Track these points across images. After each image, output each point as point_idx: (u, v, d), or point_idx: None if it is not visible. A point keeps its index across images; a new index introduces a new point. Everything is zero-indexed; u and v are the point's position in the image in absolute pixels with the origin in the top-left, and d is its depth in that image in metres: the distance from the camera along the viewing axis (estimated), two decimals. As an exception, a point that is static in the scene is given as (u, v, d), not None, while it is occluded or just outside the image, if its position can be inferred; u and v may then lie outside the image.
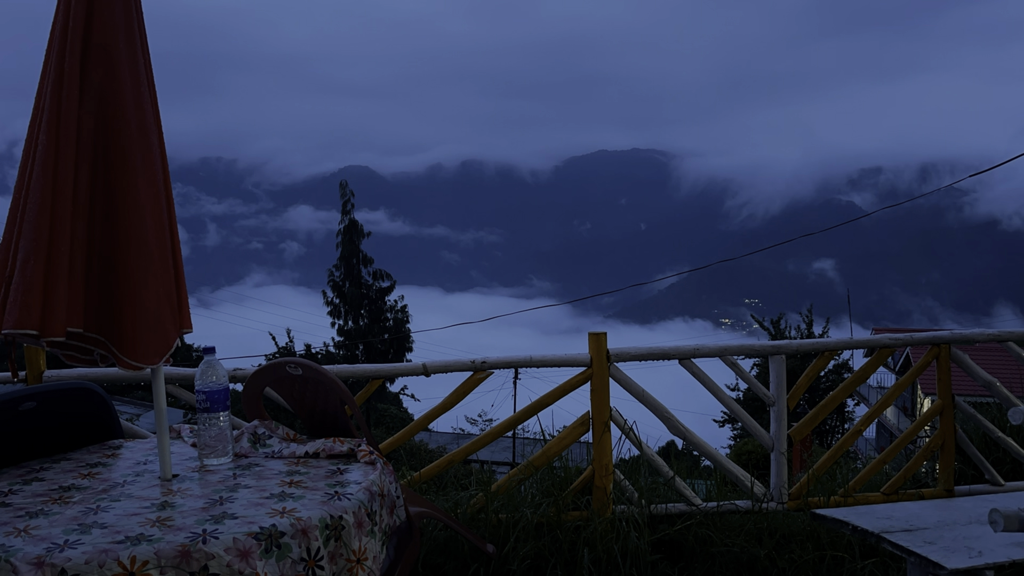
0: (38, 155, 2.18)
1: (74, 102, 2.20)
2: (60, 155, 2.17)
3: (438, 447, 22.79)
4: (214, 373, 2.45)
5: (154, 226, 2.30)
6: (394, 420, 27.37)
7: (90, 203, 2.24)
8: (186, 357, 23.28)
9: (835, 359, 24.04)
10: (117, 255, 2.24)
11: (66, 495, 2.15)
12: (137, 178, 2.26)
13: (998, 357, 5.22)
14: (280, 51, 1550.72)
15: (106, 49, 2.24)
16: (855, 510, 2.96)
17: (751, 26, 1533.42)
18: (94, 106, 2.23)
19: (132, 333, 2.26)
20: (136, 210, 2.26)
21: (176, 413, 22.71)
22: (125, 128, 2.26)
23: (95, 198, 2.24)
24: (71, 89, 2.19)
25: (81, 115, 2.21)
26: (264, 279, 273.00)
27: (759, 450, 14.96)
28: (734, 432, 27.28)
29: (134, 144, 2.26)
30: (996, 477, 4.38)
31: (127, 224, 2.25)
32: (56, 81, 2.19)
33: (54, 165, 2.16)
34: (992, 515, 2.15)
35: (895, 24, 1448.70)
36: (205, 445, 2.44)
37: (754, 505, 3.96)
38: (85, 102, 2.22)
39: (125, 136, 2.25)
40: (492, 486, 3.87)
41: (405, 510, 2.51)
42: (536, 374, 5.44)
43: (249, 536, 1.84)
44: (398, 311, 28.94)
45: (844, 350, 4.83)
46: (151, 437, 3.21)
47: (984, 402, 5.25)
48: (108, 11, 2.24)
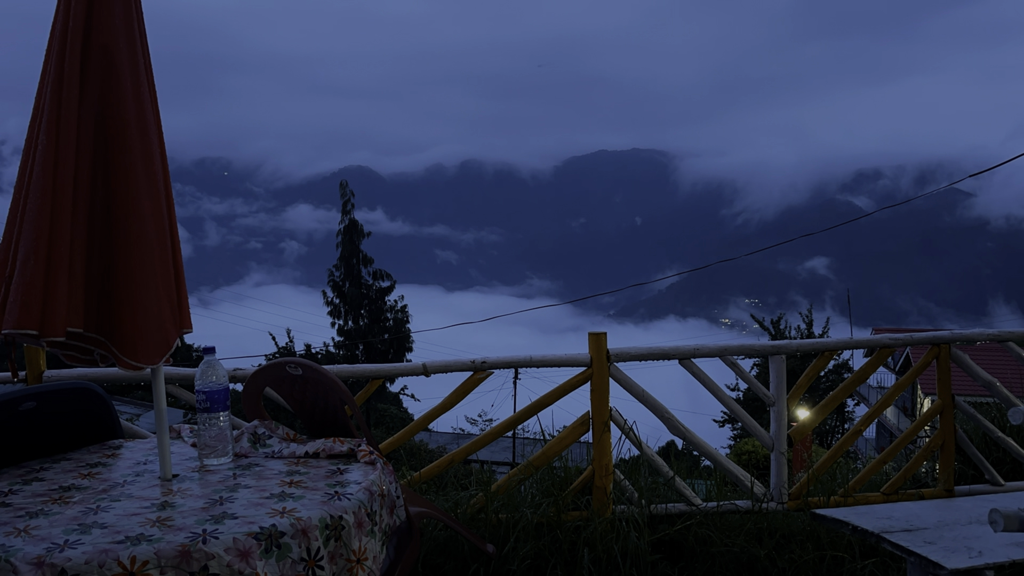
0: (38, 155, 2.18)
1: (74, 102, 2.19)
2: (60, 155, 2.17)
3: (438, 447, 22.78)
4: (214, 373, 2.45)
5: (154, 226, 2.30)
6: (394, 420, 27.36)
7: (90, 203, 2.23)
8: (186, 357, 23.28)
9: (835, 359, 24.06)
10: (117, 255, 2.24)
11: (66, 495, 2.15)
12: (137, 178, 2.26)
13: (998, 357, 5.22)
14: (276, 52, 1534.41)
15: (106, 49, 2.24)
16: (855, 510, 2.96)
17: (741, 29, 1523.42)
18: (94, 106, 2.23)
19: (132, 333, 2.26)
20: (136, 210, 2.25)
21: (176, 413, 22.71)
22: (125, 128, 2.25)
23: (95, 198, 2.24)
24: (71, 89, 2.19)
25: (81, 115, 2.21)
26: (264, 279, 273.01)
27: (759, 450, 14.97)
28: (734, 432, 27.29)
29: (134, 144, 2.26)
30: (996, 477, 4.38)
31: (127, 224, 2.24)
32: (56, 81, 2.19)
33: (54, 165, 2.16)
34: (992, 515, 2.15)
35: (884, 27, 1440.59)
36: (205, 445, 2.44)
37: (754, 505, 3.96)
38: (85, 102, 2.22)
39: (125, 136, 2.25)
40: (492, 486, 3.87)
41: (405, 510, 2.51)
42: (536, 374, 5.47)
43: (249, 536, 1.84)
44: (398, 311, 28.94)
45: (844, 350, 4.83)
46: (151, 437, 3.21)
47: (984, 402, 5.25)
48: (108, 11, 2.24)
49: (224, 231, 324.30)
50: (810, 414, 4.41)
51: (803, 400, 19.82)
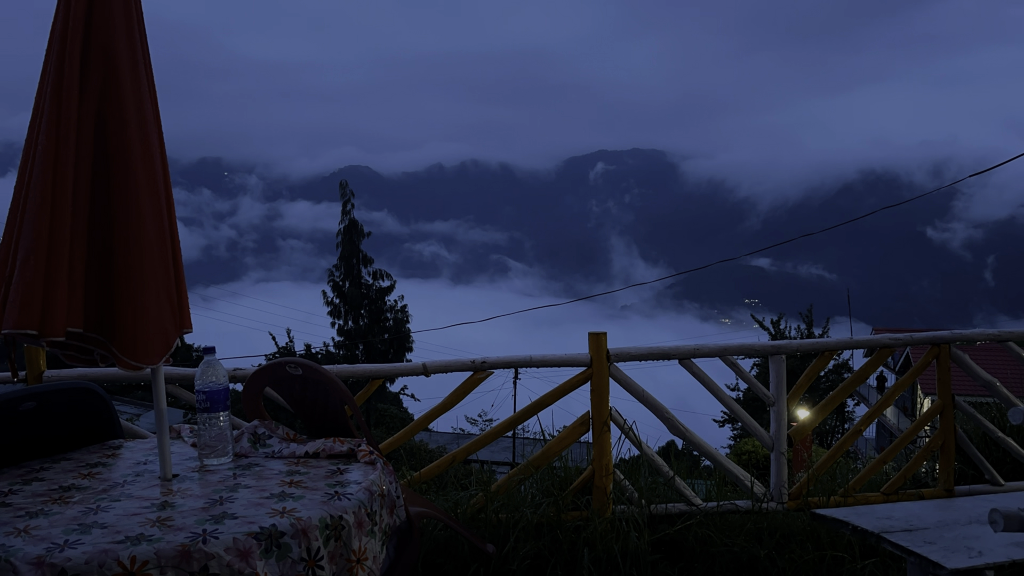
0: (38, 155, 2.18)
1: (74, 102, 2.19)
2: (60, 155, 2.17)
3: (438, 447, 22.79)
4: (214, 373, 2.45)
5: (154, 226, 2.30)
6: (394, 420, 27.35)
7: (90, 203, 2.23)
8: (186, 357, 23.28)
9: (835, 359, 24.06)
10: (117, 255, 2.24)
11: (66, 495, 2.15)
12: (137, 178, 2.26)
13: (998, 357, 5.22)
14: (255, 59, 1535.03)
15: (106, 49, 2.24)
16: (855, 510, 2.95)
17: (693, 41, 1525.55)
18: (94, 106, 2.23)
19: (132, 333, 2.26)
20: (136, 210, 2.25)
21: (176, 413, 22.71)
22: (125, 128, 2.25)
23: (95, 198, 2.24)
24: (71, 89, 2.19)
25: (81, 115, 2.21)
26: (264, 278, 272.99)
27: (759, 450, 14.97)
28: (734, 432, 27.30)
29: (134, 144, 2.26)
30: (996, 477, 4.38)
31: (127, 224, 2.24)
32: (56, 81, 2.19)
33: (54, 165, 2.16)
34: (992, 515, 2.15)
35: (836, 36, 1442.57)
36: (205, 445, 2.44)
37: (754, 505, 3.96)
38: (85, 102, 2.22)
39: (125, 136, 2.25)
40: (492, 486, 3.87)
41: (405, 510, 2.51)
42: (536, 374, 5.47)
43: (249, 536, 1.84)
44: (398, 311, 28.95)
45: (844, 350, 4.83)
46: (151, 437, 3.21)
47: (984, 402, 5.25)
48: (108, 11, 2.24)
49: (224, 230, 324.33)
50: (810, 414, 4.41)
51: (803, 400, 19.82)
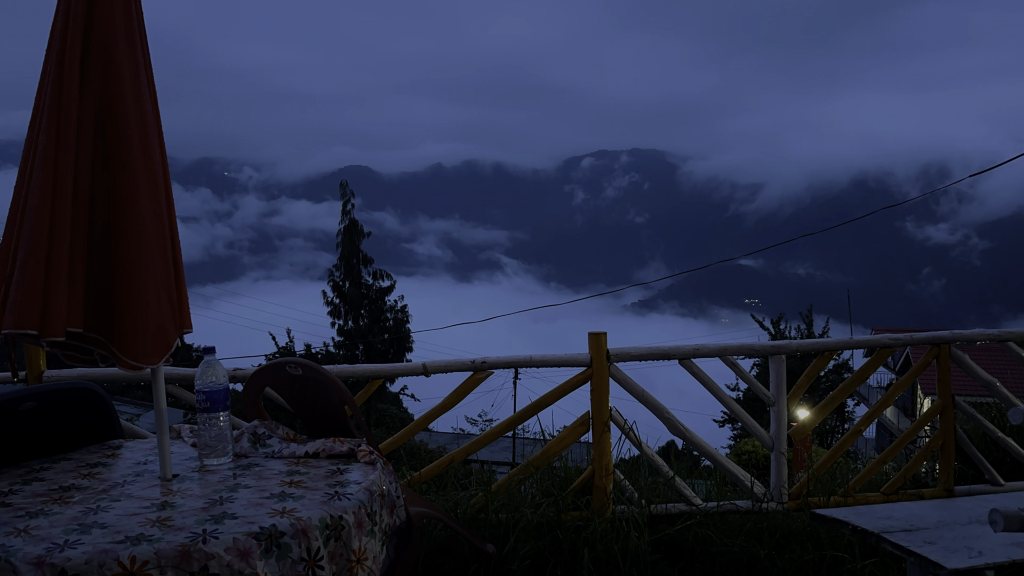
0: (38, 155, 2.18)
1: (74, 102, 2.19)
2: (60, 155, 2.17)
3: (438, 447, 22.78)
4: (214, 373, 2.45)
5: (154, 226, 2.30)
6: (394, 420, 27.35)
7: (90, 203, 2.23)
8: (186, 357, 23.29)
9: (835, 359, 24.07)
10: (117, 255, 2.24)
11: (66, 495, 2.15)
12: (137, 178, 2.26)
13: (998, 357, 5.22)
14: (243, 63, 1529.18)
15: (106, 49, 2.24)
16: (855, 510, 2.95)
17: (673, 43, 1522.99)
18: (94, 106, 2.23)
19: (132, 333, 2.26)
20: (136, 210, 2.25)
21: (176, 413, 22.71)
22: (125, 128, 2.25)
23: (95, 198, 2.24)
24: (71, 89, 2.19)
25: (81, 115, 2.21)
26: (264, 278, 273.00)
27: (759, 450, 14.97)
28: (734, 432, 27.30)
29: (134, 144, 2.26)
30: (996, 477, 4.37)
31: (127, 224, 2.24)
32: (56, 81, 2.19)
33: (54, 165, 2.16)
34: (992, 515, 2.15)
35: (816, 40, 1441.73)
36: (205, 445, 2.44)
37: (754, 505, 3.96)
38: (85, 102, 2.22)
39: (125, 136, 2.25)
40: (492, 486, 3.87)
41: (405, 510, 2.51)
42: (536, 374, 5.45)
43: (249, 536, 1.84)
44: (398, 311, 28.95)
45: (844, 350, 4.83)
46: (151, 437, 3.21)
47: (984, 402, 5.25)
48: (108, 11, 2.24)
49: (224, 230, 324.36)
50: (810, 414, 4.41)
51: (803, 400, 19.82)
